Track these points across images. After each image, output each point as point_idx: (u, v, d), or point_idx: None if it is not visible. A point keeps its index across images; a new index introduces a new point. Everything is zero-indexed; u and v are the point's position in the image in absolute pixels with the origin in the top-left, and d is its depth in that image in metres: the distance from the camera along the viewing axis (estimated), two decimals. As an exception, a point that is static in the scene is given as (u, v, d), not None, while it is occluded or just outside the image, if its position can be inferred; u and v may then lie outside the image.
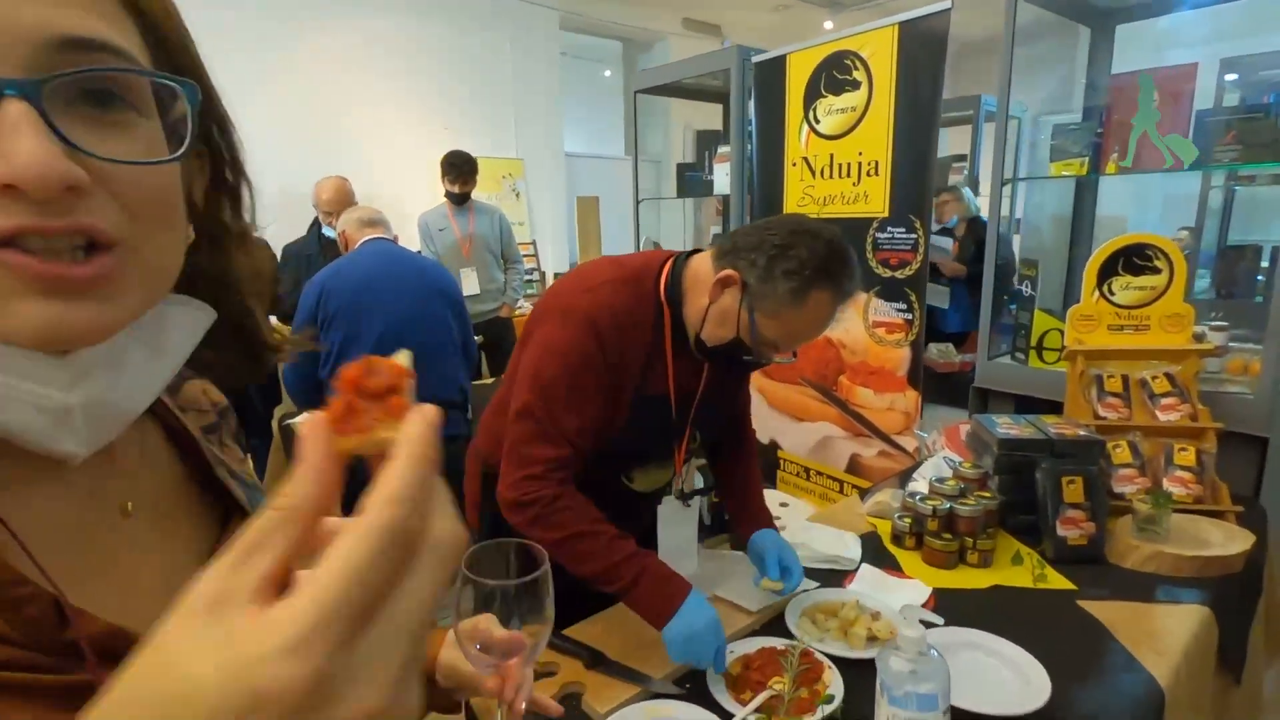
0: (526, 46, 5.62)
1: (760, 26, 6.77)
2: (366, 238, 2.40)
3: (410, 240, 3.77)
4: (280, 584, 0.23)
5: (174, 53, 0.39)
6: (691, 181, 3.43)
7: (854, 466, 2.58)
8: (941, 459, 1.79)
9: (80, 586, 0.37)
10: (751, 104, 2.79)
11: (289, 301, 2.58)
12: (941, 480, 1.57)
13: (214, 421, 0.55)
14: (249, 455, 0.61)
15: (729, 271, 1.12)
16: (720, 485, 1.49)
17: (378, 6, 4.77)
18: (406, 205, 4.05)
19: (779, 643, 1.15)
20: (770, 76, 2.66)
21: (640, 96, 3.52)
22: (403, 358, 0.30)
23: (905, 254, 2.31)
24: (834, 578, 1.41)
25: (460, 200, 3.66)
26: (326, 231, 3.17)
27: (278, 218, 3.70)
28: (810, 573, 1.40)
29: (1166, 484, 1.58)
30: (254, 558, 0.23)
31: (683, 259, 1.23)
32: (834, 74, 2.42)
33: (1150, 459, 1.62)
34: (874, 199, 2.36)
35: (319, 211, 3.19)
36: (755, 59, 2.73)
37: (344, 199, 3.12)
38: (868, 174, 2.37)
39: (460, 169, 3.56)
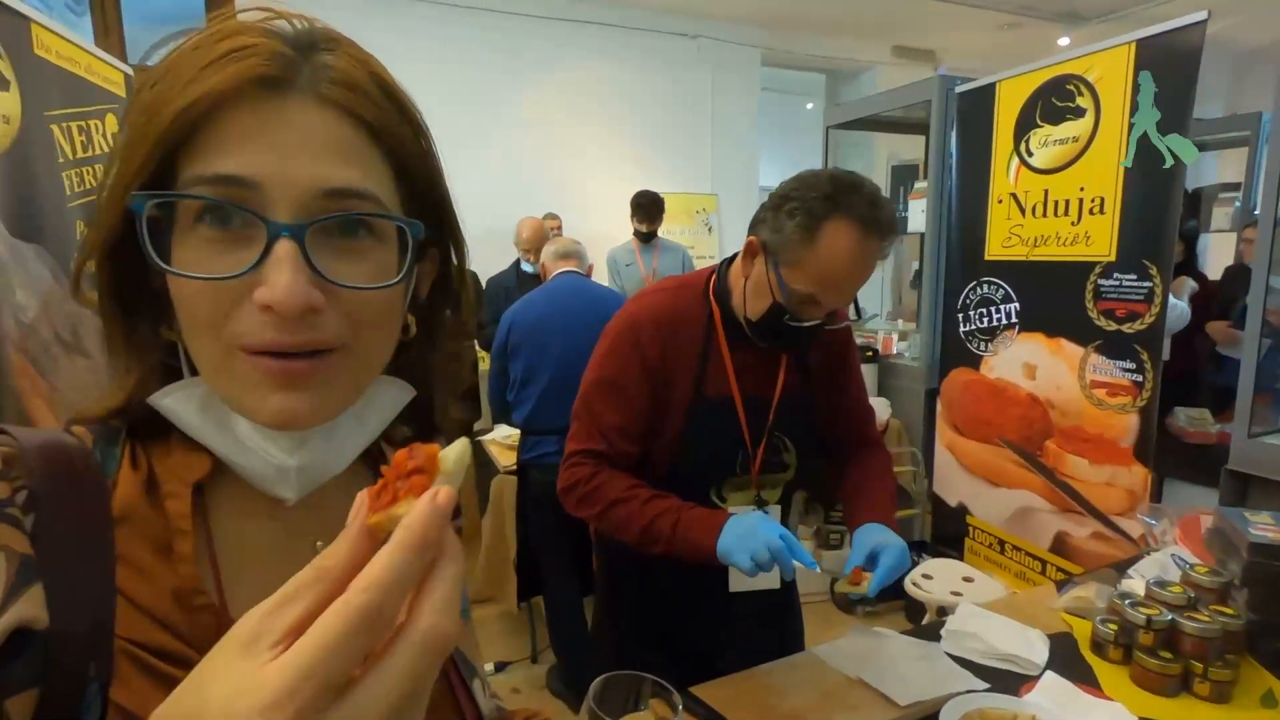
0: (727, 85, 5.74)
1: (982, 49, 6.24)
2: (560, 270, 2.57)
3: (603, 272, 3.99)
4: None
5: (420, 190, 0.47)
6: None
7: (1060, 546, 2.22)
8: (1170, 556, 1.48)
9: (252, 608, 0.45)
10: (954, 136, 2.58)
11: (489, 331, 2.83)
12: (1163, 584, 1.29)
13: None
14: None
15: (750, 239, 1.16)
16: (837, 485, 1.38)
17: (586, 56, 5.17)
18: (609, 241, 4.32)
19: (927, 749, 1.01)
20: (976, 106, 2.44)
21: (841, 129, 3.42)
22: (453, 448, 0.33)
23: (1136, 305, 1.97)
24: (1009, 681, 1.21)
25: (647, 238, 3.81)
26: (525, 266, 3.46)
27: (486, 253, 4.08)
28: (980, 671, 1.22)
29: None
30: (286, 607, 0.27)
31: (728, 260, 1.26)
32: (1053, 101, 2.15)
33: None
34: (1098, 240, 2.05)
35: (519, 249, 3.49)
36: (959, 88, 2.52)
37: (540, 237, 3.38)
38: (1090, 212, 2.06)
39: (647, 209, 3.72)
